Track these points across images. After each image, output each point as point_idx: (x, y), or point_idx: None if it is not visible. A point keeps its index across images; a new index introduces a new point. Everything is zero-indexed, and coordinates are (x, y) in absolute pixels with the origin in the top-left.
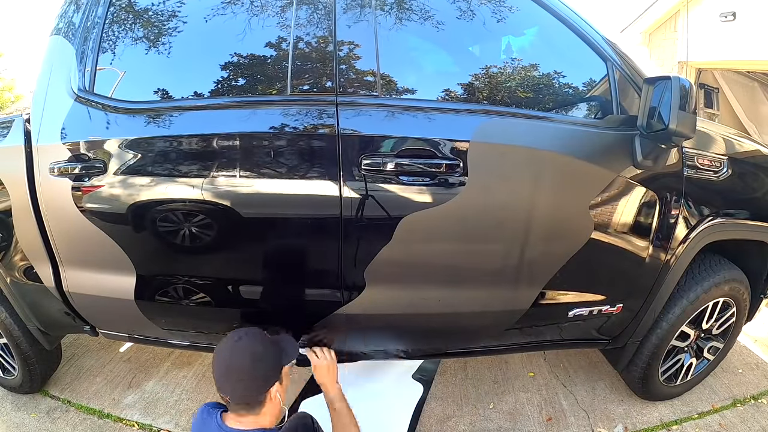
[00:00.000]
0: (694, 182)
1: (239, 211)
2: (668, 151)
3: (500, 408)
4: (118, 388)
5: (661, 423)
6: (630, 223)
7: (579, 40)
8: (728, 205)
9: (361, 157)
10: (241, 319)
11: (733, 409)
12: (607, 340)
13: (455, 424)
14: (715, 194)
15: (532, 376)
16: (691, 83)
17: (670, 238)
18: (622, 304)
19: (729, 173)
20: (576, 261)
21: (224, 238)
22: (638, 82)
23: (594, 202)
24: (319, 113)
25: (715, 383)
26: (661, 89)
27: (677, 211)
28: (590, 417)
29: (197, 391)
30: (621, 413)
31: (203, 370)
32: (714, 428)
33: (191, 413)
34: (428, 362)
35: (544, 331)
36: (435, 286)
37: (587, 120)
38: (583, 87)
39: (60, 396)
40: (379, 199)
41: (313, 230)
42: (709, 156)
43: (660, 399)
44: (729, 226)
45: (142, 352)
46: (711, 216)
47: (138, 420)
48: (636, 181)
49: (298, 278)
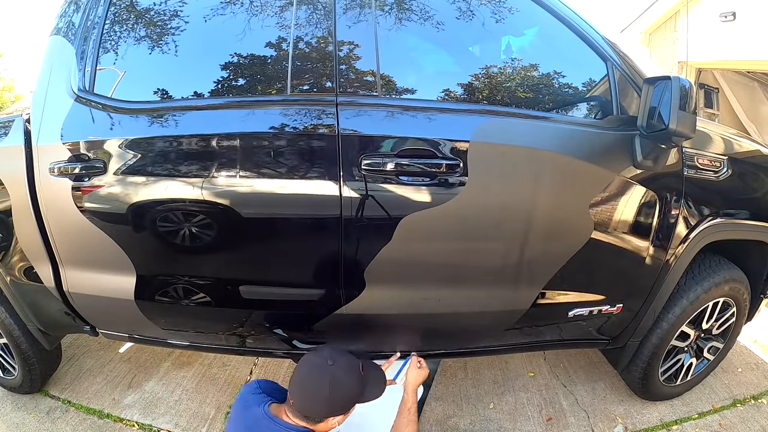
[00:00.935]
0: (694, 182)
1: (239, 211)
2: (668, 151)
3: (500, 408)
4: (118, 388)
5: (661, 423)
6: (630, 223)
7: (579, 40)
8: (728, 205)
9: (361, 157)
10: (241, 318)
11: (733, 409)
12: (607, 340)
13: (455, 424)
14: (715, 194)
15: (532, 376)
16: (691, 83)
17: (670, 238)
18: (622, 304)
19: (729, 173)
20: (576, 261)
21: (224, 238)
22: (638, 82)
23: (594, 202)
24: (319, 113)
25: (715, 383)
26: (661, 89)
27: (677, 211)
28: (590, 417)
29: (197, 391)
30: (621, 413)
31: (203, 370)
32: (714, 428)
33: (191, 413)
34: (428, 362)
35: (544, 331)
36: (435, 286)
37: (587, 120)
38: (583, 87)
39: (60, 396)
40: (379, 199)
41: (313, 230)
42: (709, 156)
43: (660, 399)
44: (729, 226)
45: (142, 352)
46: (711, 216)
47: (138, 420)
48: (636, 181)
49: (298, 278)
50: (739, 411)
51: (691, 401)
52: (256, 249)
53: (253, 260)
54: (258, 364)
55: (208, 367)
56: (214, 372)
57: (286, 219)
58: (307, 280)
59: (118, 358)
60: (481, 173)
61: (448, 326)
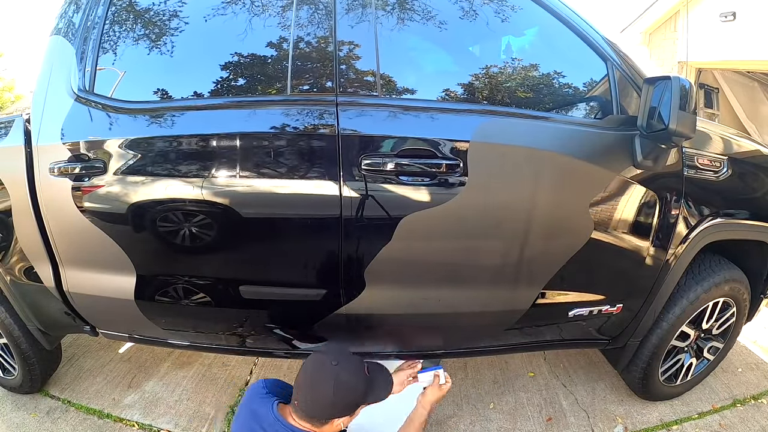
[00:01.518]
0: (694, 182)
1: (239, 211)
2: (668, 151)
3: (500, 408)
4: (118, 388)
5: (661, 423)
6: (630, 223)
7: (579, 40)
8: (728, 205)
9: (361, 157)
10: (241, 318)
11: (733, 409)
12: (608, 340)
13: (455, 424)
14: (714, 194)
15: (533, 376)
16: (691, 83)
17: (670, 238)
18: (622, 304)
19: (729, 173)
20: (576, 261)
21: (224, 238)
22: (638, 82)
23: (594, 201)
24: (319, 113)
25: (715, 383)
26: (661, 89)
27: (677, 211)
28: (590, 417)
29: (197, 391)
30: (621, 413)
31: (203, 370)
32: (714, 428)
33: (191, 413)
34: (428, 362)
35: (545, 331)
36: (435, 286)
37: (587, 120)
38: (583, 87)
39: (60, 396)
40: (379, 199)
41: (313, 230)
42: (709, 156)
43: (660, 399)
44: (729, 226)
45: (142, 352)
46: (711, 216)
47: (138, 420)
48: (636, 181)
49: (298, 278)
50: (739, 411)
51: (691, 401)
52: (256, 249)
53: (253, 260)
54: (258, 364)
55: (208, 367)
56: (215, 372)
57: (286, 219)
58: (308, 280)
59: (118, 358)
60: (481, 173)
61: (448, 326)
